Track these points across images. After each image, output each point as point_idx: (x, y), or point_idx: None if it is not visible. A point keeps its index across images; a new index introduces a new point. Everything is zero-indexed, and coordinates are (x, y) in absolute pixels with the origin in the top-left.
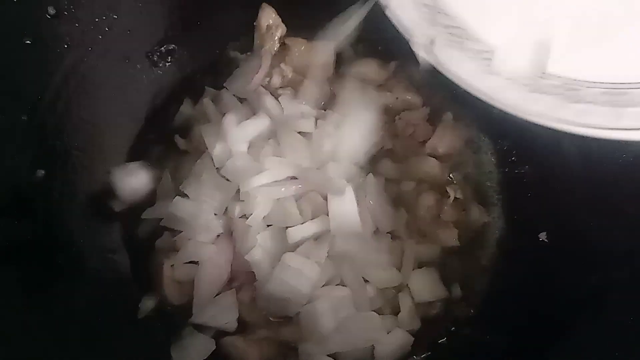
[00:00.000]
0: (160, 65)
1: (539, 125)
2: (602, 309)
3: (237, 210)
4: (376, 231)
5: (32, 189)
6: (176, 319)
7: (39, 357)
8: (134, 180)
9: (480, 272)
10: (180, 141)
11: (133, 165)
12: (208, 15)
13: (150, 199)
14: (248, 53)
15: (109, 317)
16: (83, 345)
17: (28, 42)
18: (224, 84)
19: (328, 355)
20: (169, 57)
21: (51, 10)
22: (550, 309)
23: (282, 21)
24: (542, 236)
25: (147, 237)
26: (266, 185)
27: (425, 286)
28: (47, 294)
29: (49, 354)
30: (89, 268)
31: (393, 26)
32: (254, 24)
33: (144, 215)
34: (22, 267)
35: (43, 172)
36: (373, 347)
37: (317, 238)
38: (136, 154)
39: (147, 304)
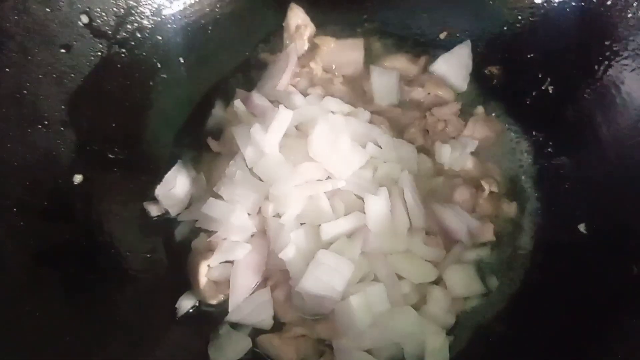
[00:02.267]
0: (192, 69)
1: (572, 115)
2: None
3: (270, 209)
4: (411, 227)
5: (71, 193)
6: (213, 318)
7: (79, 357)
8: (172, 190)
9: (517, 266)
10: (213, 143)
11: (170, 175)
12: (238, 17)
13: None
14: (278, 53)
15: (148, 316)
16: (123, 345)
17: (62, 50)
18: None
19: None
20: (201, 61)
21: (84, 19)
22: (590, 302)
23: (311, 20)
24: (581, 228)
25: (183, 239)
26: (299, 184)
27: (461, 282)
28: (88, 294)
29: (89, 354)
30: (128, 269)
31: (424, 19)
32: (283, 24)
33: (179, 218)
34: (63, 268)
35: (81, 177)
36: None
37: (350, 235)
38: (171, 158)
39: (185, 303)
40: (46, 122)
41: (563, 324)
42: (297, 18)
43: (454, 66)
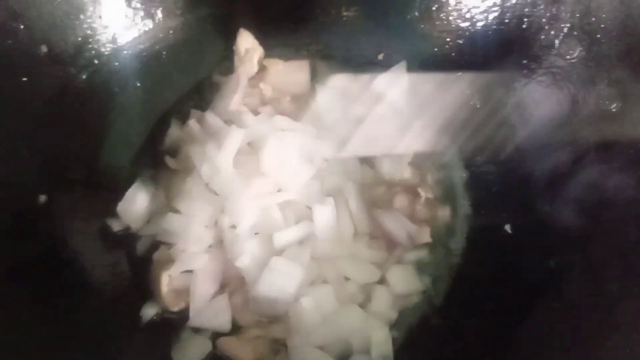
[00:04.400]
0: (149, 92)
1: (497, 127)
2: (560, 290)
3: (226, 221)
4: (356, 233)
5: (35, 212)
6: (175, 324)
7: None
8: (133, 206)
9: (451, 264)
10: (170, 161)
11: (130, 192)
12: (190, 42)
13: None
14: (230, 75)
15: (113, 326)
16: (90, 355)
17: (24, 79)
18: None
19: (315, 348)
20: (157, 85)
21: (44, 49)
22: (515, 293)
23: (260, 44)
24: (507, 228)
25: (145, 251)
26: (252, 197)
27: (402, 281)
28: (54, 308)
29: None
30: (93, 282)
31: (363, 42)
32: (234, 48)
33: (140, 232)
34: (28, 283)
35: (45, 197)
36: None
37: (300, 242)
38: (131, 176)
39: (148, 312)
40: (10, 148)
41: (492, 314)
42: (247, 42)
43: (391, 84)
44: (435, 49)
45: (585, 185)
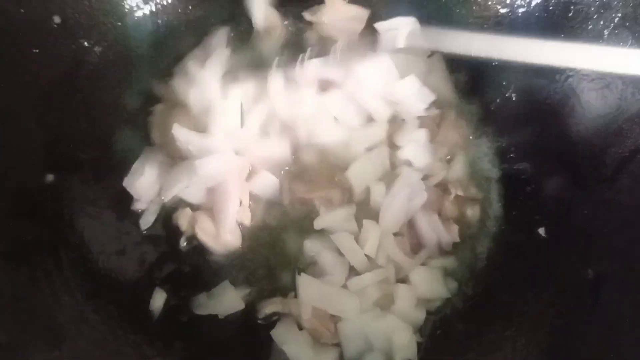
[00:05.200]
0: (165, 70)
1: (534, 122)
2: (599, 302)
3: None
4: None
5: (42, 192)
6: (185, 310)
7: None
8: (141, 178)
9: (478, 267)
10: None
11: (138, 164)
12: (211, 18)
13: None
14: None
15: (120, 315)
16: (89, 343)
17: (36, 51)
18: None
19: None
20: (174, 62)
21: (57, 19)
22: (546, 302)
23: None
24: (541, 231)
25: (156, 234)
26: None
27: (426, 284)
28: (56, 294)
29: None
30: (101, 267)
31: None
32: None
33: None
34: (31, 267)
35: (52, 176)
36: None
37: None
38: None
39: (157, 300)
40: (18, 123)
41: (521, 323)
42: (270, 19)
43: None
44: None
45: (629, 189)
